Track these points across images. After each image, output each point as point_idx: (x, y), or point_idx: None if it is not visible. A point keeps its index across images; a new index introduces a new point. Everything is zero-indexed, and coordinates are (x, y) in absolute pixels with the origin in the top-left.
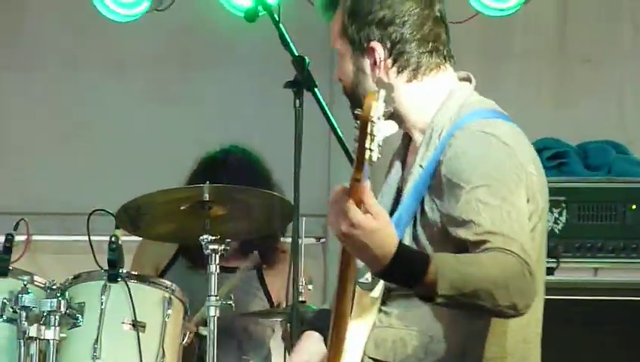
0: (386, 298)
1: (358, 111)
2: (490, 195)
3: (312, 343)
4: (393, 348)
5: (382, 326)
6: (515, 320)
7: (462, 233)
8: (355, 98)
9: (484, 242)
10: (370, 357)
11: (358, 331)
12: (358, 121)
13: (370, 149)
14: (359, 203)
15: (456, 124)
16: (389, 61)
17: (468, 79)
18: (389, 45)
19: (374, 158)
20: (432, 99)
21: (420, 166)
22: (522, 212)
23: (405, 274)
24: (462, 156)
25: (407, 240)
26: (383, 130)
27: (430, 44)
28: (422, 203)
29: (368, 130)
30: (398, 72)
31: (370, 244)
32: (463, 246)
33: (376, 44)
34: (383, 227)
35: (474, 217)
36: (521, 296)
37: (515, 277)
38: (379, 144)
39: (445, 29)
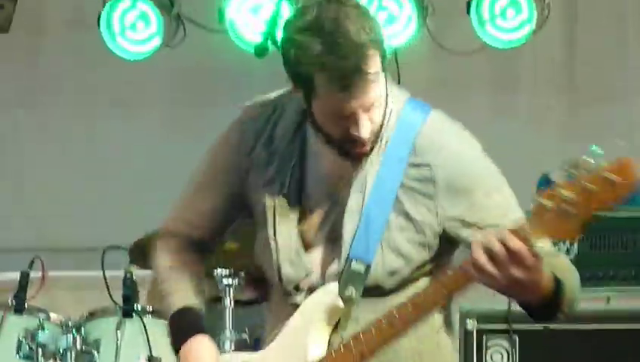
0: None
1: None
2: (509, 194)
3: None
4: None
5: None
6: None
7: None
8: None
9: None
10: None
11: None
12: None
13: None
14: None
15: (418, 116)
16: None
17: None
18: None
19: None
20: None
21: (378, 162)
22: None
23: (557, 302)
24: (459, 159)
25: (386, 249)
26: None
27: None
28: (397, 205)
29: None
30: None
31: (540, 282)
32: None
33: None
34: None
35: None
36: None
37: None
38: None
39: None
